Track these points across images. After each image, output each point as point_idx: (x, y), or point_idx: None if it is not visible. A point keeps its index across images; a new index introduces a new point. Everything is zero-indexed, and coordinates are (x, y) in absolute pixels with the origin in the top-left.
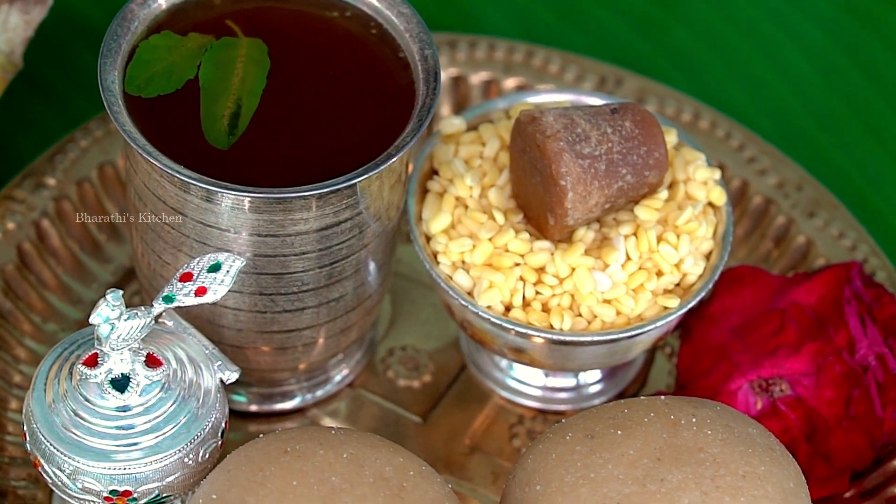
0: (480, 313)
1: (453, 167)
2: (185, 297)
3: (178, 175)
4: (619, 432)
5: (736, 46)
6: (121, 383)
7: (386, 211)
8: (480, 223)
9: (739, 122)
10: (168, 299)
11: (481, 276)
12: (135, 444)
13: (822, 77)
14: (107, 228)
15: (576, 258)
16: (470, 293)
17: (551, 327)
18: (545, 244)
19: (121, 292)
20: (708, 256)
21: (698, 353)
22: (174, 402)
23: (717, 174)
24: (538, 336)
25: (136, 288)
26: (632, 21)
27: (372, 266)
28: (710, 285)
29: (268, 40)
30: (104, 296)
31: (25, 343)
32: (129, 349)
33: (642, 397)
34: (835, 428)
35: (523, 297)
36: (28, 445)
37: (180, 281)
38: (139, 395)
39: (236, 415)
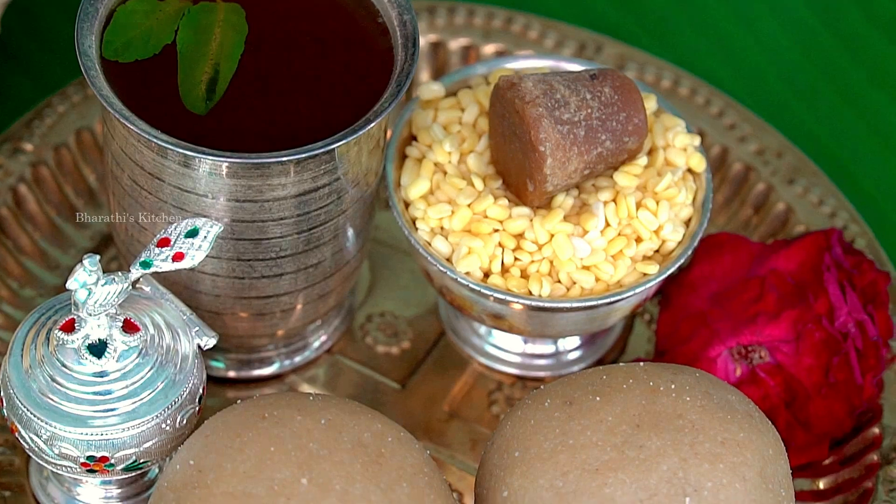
0: (459, 279)
1: (432, 133)
2: (163, 262)
3: (155, 140)
4: (598, 399)
5: (715, 15)
6: (98, 349)
7: (364, 177)
8: (459, 189)
9: (719, 89)
10: (145, 265)
11: (460, 242)
12: (112, 409)
13: (800, 47)
14: (84, 194)
15: (555, 224)
16: (449, 259)
17: (530, 293)
18: (524, 210)
19: (98, 257)
20: (687, 223)
21: (677, 320)
22: (151, 368)
23: (697, 141)
24: (517, 302)
25: (114, 254)
26: None
27: (350, 232)
28: (690, 252)
29: (245, 5)
30: (81, 261)
31: (2, 308)
32: (107, 314)
33: (621, 364)
34: (814, 395)
35: (502, 263)
36: (5, 411)
37: (158, 246)
38: (116, 361)
39: (214, 381)
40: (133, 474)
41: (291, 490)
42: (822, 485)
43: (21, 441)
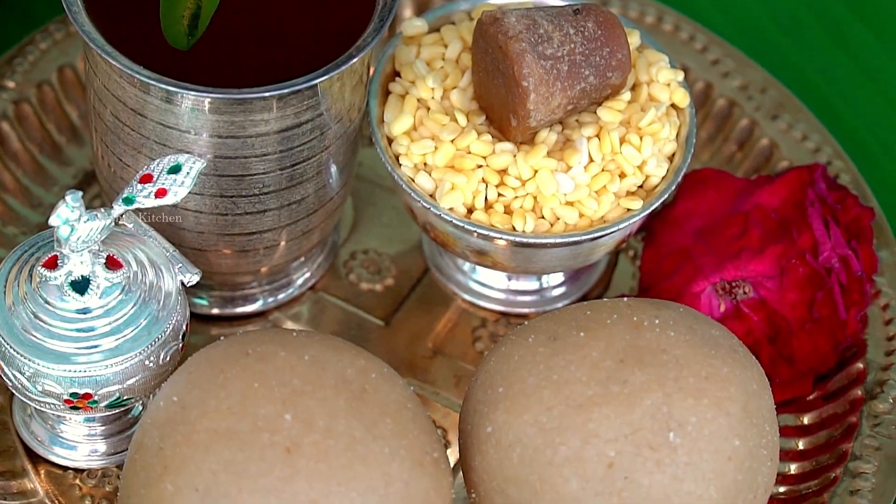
0: (443, 215)
1: (415, 69)
2: (145, 198)
3: (138, 76)
4: (582, 334)
5: None
6: (81, 285)
7: (347, 113)
8: (442, 125)
9: (703, 25)
10: (128, 201)
11: (443, 178)
12: (95, 346)
13: None
14: (67, 131)
15: (538, 160)
16: (432, 195)
17: (514, 229)
18: (507, 146)
19: (80, 193)
20: (671, 158)
21: (661, 256)
22: (135, 305)
23: (681, 76)
24: (501, 238)
25: (97, 191)
26: None
27: (333, 168)
28: (674, 187)
29: None
30: (64, 197)
31: None
32: (89, 251)
33: (605, 299)
34: (798, 330)
35: (486, 199)
36: None
37: (140, 182)
38: (99, 298)
39: (198, 318)
40: (117, 411)
41: (275, 426)
42: (806, 420)
43: (4, 378)
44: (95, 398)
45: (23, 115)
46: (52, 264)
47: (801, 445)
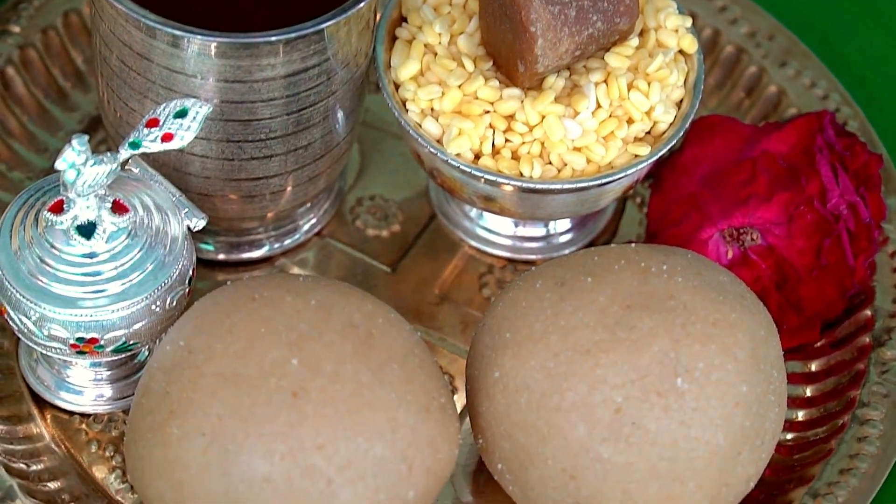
0: (450, 161)
1: (422, 14)
2: (152, 142)
3: (144, 20)
4: (590, 279)
5: None
6: (87, 230)
7: (354, 58)
8: (450, 70)
9: None
10: (134, 145)
11: (451, 123)
12: (101, 291)
13: None
14: (72, 76)
15: (546, 105)
16: (439, 141)
17: (521, 175)
18: (515, 92)
19: (86, 137)
20: (679, 105)
21: (669, 203)
22: (141, 250)
23: (689, 22)
24: (508, 184)
25: (103, 136)
26: None
27: (340, 114)
28: (681, 133)
29: None
30: (70, 141)
31: None
32: (96, 195)
33: (613, 245)
34: (806, 277)
35: (493, 144)
36: None
37: (146, 127)
38: (105, 242)
39: (204, 264)
40: (123, 356)
41: (282, 371)
42: (814, 367)
43: (10, 323)
44: (101, 343)
45: (28, 61)
46: (58, 209)
47: (808, 392)
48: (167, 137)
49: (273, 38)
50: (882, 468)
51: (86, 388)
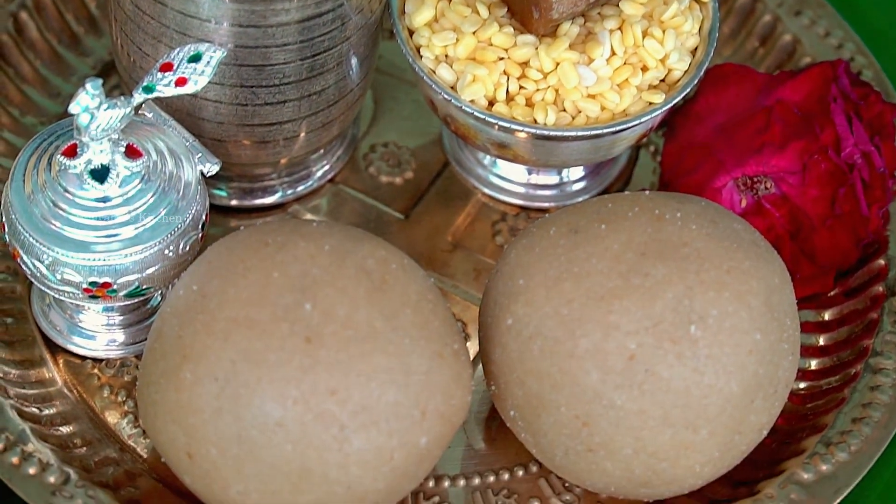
0: (464, 107)
1: None
2: (165, 87)
3: None
4: (604, 226)
5: None
6: (100, 174)
7: (368, 4)
8: (464, 16)
9: None
10: (148, 89)
11: (465, 69)
12: (114, 235)
13: None
14: (86, 21)
15: (560, 52)
16: (453, 87)
17: (535, 122)
18: (529, 38)
19: (100, 81)
20: (693, 53)
21: (683, 151)
22: (154, 194)
23: None
24: (522, 131)
25: (116, 82)
26: None
27: (354, 60)
28: (696, 81)
29: None
30: (84, 84)
31: (3, 135)
32: (109, 140)
33: (627, 192)
34: (820, 226)
35: (507, 91)
36: (6, 237)
37: (160, 71)
38: (119, 186)
39: (217, 209)
40: (135, 301)
41: (295, 315)
42: (827, 316)
43: (23, 267)
44: (114, 287)
45: (41, 5)
46: (72, 152)
47: (821, 341)
48: (181, 82)
49: None
50: (895, 417)
51: (98, 333)
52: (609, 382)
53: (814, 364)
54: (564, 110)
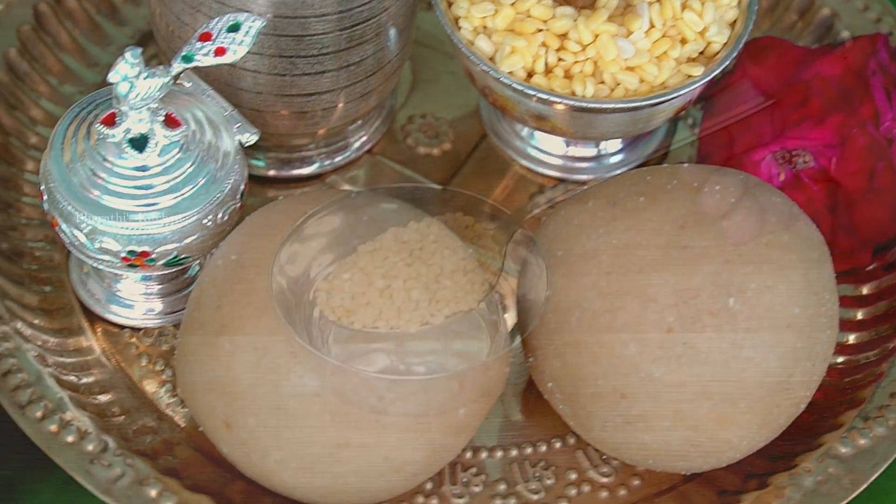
0: (502, 79)
1: None
2: (204, 56)
3: None
4: (642, 199)
5: None
6: (139, 142)
7: None
8: None
9: None
10: (187, 59)
11: (503, 41)
12: (153, 204)
13: None
14: None
15: (599, 25)
16: (492, 59)
17: (573, 94)
18: (568, 10)
19: (140, 50)
20: (732, 25)
21: (721, 125)
22: (193, 164)
23: None
24: (560, 102)
25: (154, 51)
26: None
27: (392, 31)
28: (735, 54)
29: None
30: (123, 54)
31: (41, 104)
32: (148, 109)
33: (666, 165)
34: (858, 200)
35: (546, 63)
36: (45, 205)
37: (199, 40)
38: (158, 156)
39: (255, 180)
40: (173, 270)
41: (333, 285)
42: (865, 290)
43: (61, 236)
44: (153, 256)
45: None
46: (111, 121)
47: (859, 315)
48: (220, 51)
49: None
50: None
51: (136, 302)
52: (647, 355)
53: (852, 338)
54: (603, 82)
